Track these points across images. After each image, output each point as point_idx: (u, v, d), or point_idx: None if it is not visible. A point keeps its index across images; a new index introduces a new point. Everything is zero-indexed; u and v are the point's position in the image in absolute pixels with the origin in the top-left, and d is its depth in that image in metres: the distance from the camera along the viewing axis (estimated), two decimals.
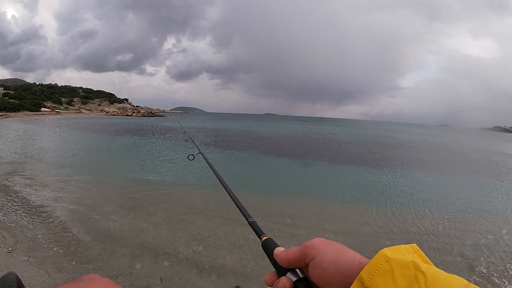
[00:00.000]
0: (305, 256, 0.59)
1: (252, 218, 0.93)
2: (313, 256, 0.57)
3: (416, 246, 0.53)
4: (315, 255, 0.57)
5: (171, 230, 6.83)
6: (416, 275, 0.43)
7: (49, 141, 24.34)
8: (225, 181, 1.39)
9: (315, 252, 0.57)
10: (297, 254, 0.61)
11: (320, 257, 0.56)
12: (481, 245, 6.91)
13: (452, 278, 0.41)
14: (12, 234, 6.21)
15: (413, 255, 0.50)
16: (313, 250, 0.57)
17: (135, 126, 48.12)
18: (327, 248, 0.57)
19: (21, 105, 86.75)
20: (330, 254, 0.55)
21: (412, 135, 60.85)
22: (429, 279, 0.42)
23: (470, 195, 11.88)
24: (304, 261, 0.59)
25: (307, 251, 0.58)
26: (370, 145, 32.57)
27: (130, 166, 14.51)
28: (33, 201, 8.44)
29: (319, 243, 0.59)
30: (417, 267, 0.44)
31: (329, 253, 0.55)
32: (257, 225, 0.89)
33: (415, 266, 0.44)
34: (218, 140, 30.53)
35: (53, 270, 4.94)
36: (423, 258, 0.50)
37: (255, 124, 79.51)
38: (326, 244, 0.58)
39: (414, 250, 0.52)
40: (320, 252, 0.56)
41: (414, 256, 0.50)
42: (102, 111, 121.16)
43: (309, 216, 8.26)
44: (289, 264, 0.62)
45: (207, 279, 4.90)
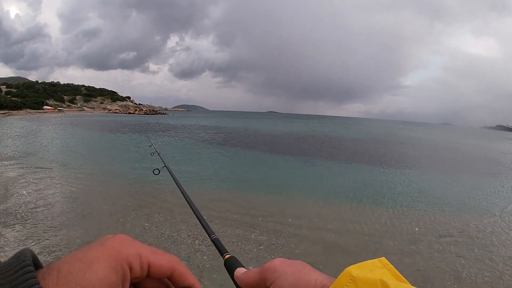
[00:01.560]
0: (265, 280, 0.54)
1: (215, 235, 0.91)
2: (272, 280, 0.52)
3: (385, 260, 0.48)
4: (275, 278, 0.52)
5: (173, 230, 6.82)
6: None
7: (52, 139, 24.36)
8: (189, 196, 1.38)
9: (275, 275, 0.52)
10: (256, 277, 0.57)
11: (279, 281, 0.51)
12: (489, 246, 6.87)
13: None
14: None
15: (381, 270, 0.46)
16: (273, 273, 0.53)
17: (138, 124, 48.14)
18: (287, 270, 0.52)
19: (23, 103, 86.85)
20: (290, 276, 0.51)
21: (414, 133, 60.72)
22: None
23: (477, 194, 11.83)
24: (265, 285, 0.54)
25: (267, 275, 0.54)
26: (372, 143, 32.51)
27: (130, 164, 14.52)
28: (29, 200, 8.44)
29: (279, 264, 0.54)
30: (386, 286, 0.40)
31: (289, 275, 0.51)
32: (220, 242, 0.87)
33: (383, 285, 0.40)
34: (220, 138, 30.53)
35: None
36: (393, 273, 0.46)
37: (257, 122, 79.51)
38: (287, 265, 0.54)
39: (382, 265, 0.47)
40: (280, 275, 0.52)
41: (383, 271, 0.46)
42: (105, 109, 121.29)
43: (311, 215, 8.25)
44: (250, 287, 0.59)
45: (209, 277, 4.89)
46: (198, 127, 46.70)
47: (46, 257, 5.34)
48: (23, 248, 0.38)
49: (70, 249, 5.70)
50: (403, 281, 0.44)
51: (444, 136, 63.17)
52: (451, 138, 55.04)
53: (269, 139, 32.63)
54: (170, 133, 34.10)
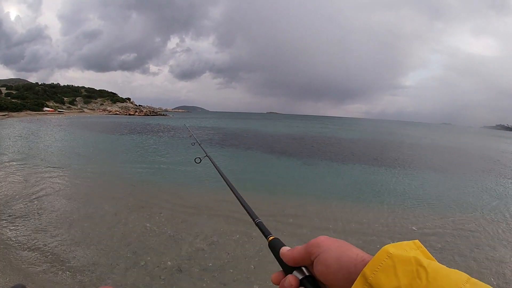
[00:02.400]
0: (310, 254, 0.60)
1: (259, 218, 0.94)
2: (317, 254, 0.58)
3: (419, 242, 0.53)
4: (320, 252, 0.58)
5: (175, 229, 6.87)
6: (418, 271, 0.44)
7: (52, 140, 24.39)
8: (232, 183, 1.43)
9: (319, 250, 0.58)
10: (302, 252, 0.62)
11: (324, 254, 0.57)
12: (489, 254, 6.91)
13: (453, 272, 0.42)
14: None
15: (415, 251, 0.51)
16: (317, 248, 0.59)
17: (138, 126, 48.13)
18: (331, 246, 0.58)
19: (23, 104, 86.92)
20: (334, 251, 0.56)
21: (414, 133, 60.67)
22: (431, 274, 0.43)
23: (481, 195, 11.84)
24: (309, 259, 0.60)
25: (312, 249, 0.60)
26: (371, 144, 32.53)
27: (133, 165, 14.57)
28: (33, 200, 8.51)
29: (323, 240, 0.60)
30: (419, 262, 0.45)
31: (332, 250, 0.56)
32: (263, 226, 0.90)
33: (417, 261, 0.45)
34: (220, 139, 30.53)
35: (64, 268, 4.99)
36: (425, 254, 0.51)
37: (257, 123, 79.42)
38: (330, 241, 0.59)
39: (416, 246, 0.52)
40: (324, 249, 0.57)
41: (417, 252, 0.50)
42: (105, 110, 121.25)
43: (312, 215, 8.28)
44: (295, 263, 0.63)
45: (210, 276, 4.93)
46: (198, 128, 46.68)
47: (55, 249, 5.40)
48: (16, 284, 0.39)
49: (78, 247, 5.76)
50: (434, 261, 0.48)
51: (444, 136, 63.13)
52: (451, 138, 55.00)
53: (269, 139, 32.64)
54: (170, 134, 34.10)
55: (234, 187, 1.36)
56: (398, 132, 66.02)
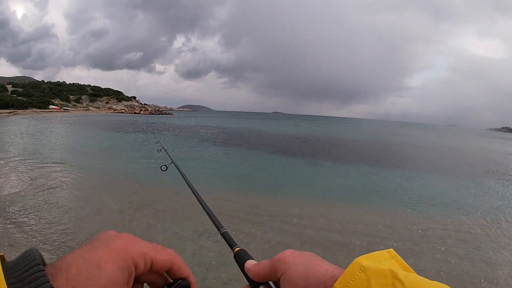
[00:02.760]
0: (276, 271, 0.55)
1: (224, 228, 0.91)
2: (283, 270, 0.53)
3: (393, 251, 0.50)
4: (286, 269, 0.53)
5: (179, 227, 6.88)
6: (394, 284, 0.41)
7: (58, 138, 24.55)
8: (197, 191, 1.43)
9: (285, 266, 0.54)
10: (267, 269, 0.57)
11: (290, 271, 0.52)
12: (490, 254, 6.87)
13: (433, 285, 0.40)
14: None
15: (390, 261, 0.48)
16: (283, 265, 0.54)
17: (143, 124, 48.27)
18: (298, 261, 0.53)
19: (29, 102, 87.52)
20: (300, 267, 0.52)
21: (419, 135, 60.39)
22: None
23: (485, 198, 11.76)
24: (275, 275, 0.55)
25: (277, 266, 0.55)
26: (377, 144, 32.45)
27: (138, 163, 14.63)
28: (38, 197, 8.55)
29: (289, 256, 0.55)
30: (395, 275, 0.42)
31: (299, 266, 0.52)
32: (229, 236, 0.86)
33: (392, 274, 0.42)
34: (224, 138, 30.58)
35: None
36: (401, 264, 0.48)
37: (261, 122, 79.38)
38: (296, 256, 0.55)
39: (391, 256, 0.49)
40: (291, 266, 0.53)
41: (392, 262, 0.48)
42: (110, 108, 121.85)
43: (316, 216, 8.25)
44: (261, 279, 0.59)
45: (214, 275, 4.93)
46: (204, 127, 46.78)
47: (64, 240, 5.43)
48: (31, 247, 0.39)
49: (86, 239, 5.79)
50: (410, 272, 0.45)
51: (450, 138, 62.78)
52: (457, 140, 54.69)
53: (274, 139, 32.63)
54: (175, 133, 34.20)
55: (199, 195, 1.36)
56: (403, 133, 65.75)
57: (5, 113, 63.41)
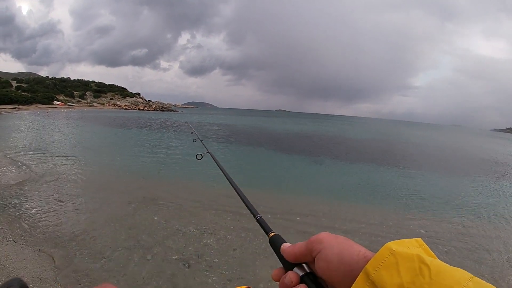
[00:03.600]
0: (311, 250, 0.58)
1: (260, 215, 0.93)
2: (318, 250, 0.57)
3: (421, 240, 0.52)
4: (321, 249, 0.56)
5: (183, 223, 6.87)
6: (420, 268, 0.43)
7: (62, 133, 24.66)
8: (233, 180, 1.40)
9: (321, 246, 0.57)
10: (303, 248, 0.60)
11: (325, 251, 0.56)
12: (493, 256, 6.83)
13: (456, 271, 0.42)
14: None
15: (418, 249, 0.50)
16: (319, 244, 0.57)
17: (147, 121, 48.32)
18: (333, 242, 0.57)
19: (33, 98, 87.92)
20: (336, 247, 0.55)
21: (425, 134, 60.14)
22: (433, 272, 0.42)
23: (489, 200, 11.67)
24: (311, 255, 0.59)
25: (313, 245, 0.58)
26: (382, 144, 32.34)
27: (142, 159, 14.66)
28: (45, 193, 8.59)
29: (325, 237, 0.59)
30: (422, 260, 0.44)
31: (334, 246, 0.55)
32: (264, 222, 0.89)
33: (419, 259, 0.45)
34: (228, 135, 30.58)
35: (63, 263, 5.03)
36: (427, 252, 0.50)
37: (266, 120, 79.26)
38: (332, 238, 0.58)
39: (419, 244, 0.51)
40: (326, 246, 0.56)
41: (419, 250, 0.50)
42: (114, 105, 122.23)
43: (319, 214, 8.24)
44: (296, 259, 0.62)
45: (216, 271, 4.93)
46: (208, 124, 46.85)
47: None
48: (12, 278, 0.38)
49: (84, 236, 5.80)
50: (436, 259, 0.47)
51: (455, 138, 62.49)
52: (462, 141, 54.46)
53: (278, 137, 32.61)
54: (178, 129, 34.22)
55: (235, 184, 1.34)
56: (408, 133, 65.51)
57: (9, 108, 63.76)
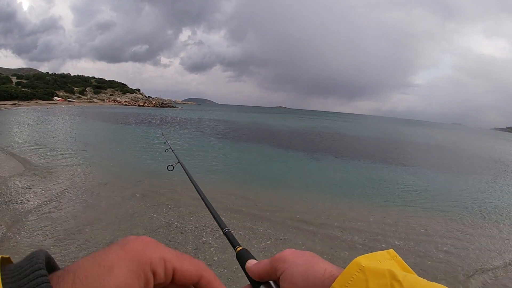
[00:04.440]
0: (275, 269, 0.55)
1: (227, 228, 0.91)
2: (283, 269, 0.54)
3: (393, 252, 0.50)
4: (285, 268, 0.53)
5: (182, 221, 6.87)
6: (392, 285, 0.41)
7: (62, 129, 24.64)
8: (202, 191, 1.41)
9: (285, 265, 0.54)
10: (267, 267, 0.58)
11: (290, 270, 0.53)
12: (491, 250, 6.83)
13: (432, 286, 0.39)
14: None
15: (389, 262, 0.47)
16: (283, 263, 0.54)
17: (147, 116, 48.26)
18: (298, 260, 0.54)
19: (33, 94, 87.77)
20: (300, 266, 0.52)
21: (426, 133, 60.10)
22: None
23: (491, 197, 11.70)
24: (275, 274, 0.56)
25: (277, 264, 0.55)
26: (382, 142, 32.34)
27: (141, 155, 14.66)
28: (47, 188, 8.59)
29: (289, 255, 0.56)
30: (394, 276, 0.41)
31: (299, 265, 0.52)
32: (232, 235, 0.86)
33: (391, 275, 0.42)
34: (228, 132, 30.55)
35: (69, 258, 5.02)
36: (401, 264, 0.47)
37: (266, 117, 79.18)
38: (296, 256, 0.55)
39: (391, 256, 0.49)
40: (290, 265, 0.53)
41: (391, 263, 0.47)
42: (114, 101, 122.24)
43: (319, 212, 8.24)
44: (261, 278, 0.60)
45: (215, 271, 4.92)
46: (208, 121, 46.80)
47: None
48: (37, 249, 0.39)
49: (81, 234, 5.80)
50: (410, 273, 0.44)
51: (456, 137, 62.50)
52: (464, 140, 54.49)
53: (278, 134, 32.60)
54: (180, 126, 34.18)
55: (204, 195, 1.34)
56: (408, 131, 65.51)
57: (9, 104, 63.69)
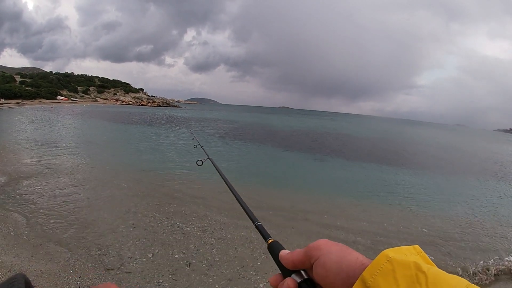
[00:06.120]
0: (310, 257, 0.59)
1: (259, 221, 0.93)
2: (317, 257, 0.57)
3: (419, 248, 0.52)
4: (319, 255, 0.57)
5: (184, 221, 6.87)
6: (417, 275, 0.43)
7: (66, 128, 24.70)
8: (233, 186, 1.40)
9: (319, 253, 0.57)
10: (302, 255, 0.61)
11: (323, 257, 0.56)
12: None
13: (453, 278, 0.42)
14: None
15: (415, 256, 0.50)
16: (317, 251, 0.58)
17: (150, 116, 48.31)
18: (331, 249, 0.57)
19: (37, 93, 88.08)
20: (334, 254, 0.55)
21: (431, 134, 59.87)
22: (430, 279, 0.42)
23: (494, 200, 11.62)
24: (309, 262, 0.59)
25: (312, 252, 0.59)
26: (385, 142, 32.26)
27: (144, 155, 14.68)
28: (53, 188, 8.62)
29: (323, 243, 0.59)
30: (419, 267, 0.44)
31: (332, 253, 0.56)
32: (263, 228, 0.88)
33: (416, 266, 0.44)
34: (231, 132, 30.57)
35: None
36: (425, 259, 0.50)
37: (269, 117, 79.15)
38: (330, 245, 0.58)
39: (416, 252, 0.51)
40: (324, 253, 0.57)
41: (417, 258, 0.50)
42: (118, 100, 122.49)
43: (322, 212, 8.23)
44: (294, 266, 0.63)
45: (217, 271, 4.92)
46: (211, 121, 46.81)
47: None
48: (16, 273, 0.40)
49: (86, 232, 5.81)
50: (433, 266, 0.47)
51: (460, 138, 62.31)
52: (468, 141, 54.32)
53: (281, 134, 32.58)
54: (182, 126, 34.22)
55: (235, 190, 1.35)
56: (411, 132, 65.33)
57: (13, 103, 63.94)
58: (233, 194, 1.32)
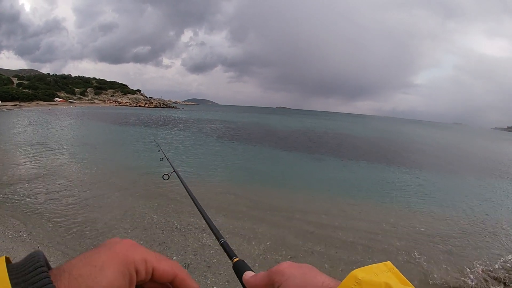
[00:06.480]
0: (273, 282, 0.56)
1: (224, 239, 0.92)
2: (280, 282, 0.54)
3: (390, 264, 0.49)
4: (283, 280, 0.54)
5: (182, 222, 6.86)
6: None
7: (63, 130, 24.64)
8: (198, 201, 1.40)
9: (283, 278, 0.54)
10: (265, 280, 0.58)
11: (287, 283, 0.53)
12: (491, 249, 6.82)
13: None
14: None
15: (387, 274, 0.47)
16: (281, 276, 0.55)
17: (147, 117, 48.27)
18: (295, 273, 0.54)
19: (34, 95, 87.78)
20: (298, 279, 0.53)
21: (429, 133, 60.01)
22: None
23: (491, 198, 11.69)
24: (272, 287, 0.56)
25: (275, 277, 0.56)
26: (383, 142, 32.30)
27: (141, 155, 14.66)
28: (49, 188, 8.60)
29: (287, 268, 0.56)
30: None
31: (296, 278, 0.53)
32: (228, 246, 0.87)
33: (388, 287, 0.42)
34: (229, 132, 30.55)
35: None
36: (398, 276, 0.47)
37: (267, 117, 79.18)
38: (294, 268, 0.56)
39: (388, 268, 0.48)
40: (288, 277, 0.54)
41: (388, 275, 0.47)
42: (115, 101, 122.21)
43: (319, 211, 8.24)
44: None
45: (215, 272, 4.92)
46: (209, 121, 46.79)
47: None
48: (35, 250, 0.43)
49: (84, 236, 5.81)
50: (407, 285, 0.44)
51: (459, 137, 62.48)
52: (466, 140, 54.45)
53: (278, 134, 32.58)
54: (180, 127, 34.19)
55: (200, 205, 1.34)
56: (409, 131, 65.45)
57: (10, 105, 63.70)
58: (199, 210, 1.31)
